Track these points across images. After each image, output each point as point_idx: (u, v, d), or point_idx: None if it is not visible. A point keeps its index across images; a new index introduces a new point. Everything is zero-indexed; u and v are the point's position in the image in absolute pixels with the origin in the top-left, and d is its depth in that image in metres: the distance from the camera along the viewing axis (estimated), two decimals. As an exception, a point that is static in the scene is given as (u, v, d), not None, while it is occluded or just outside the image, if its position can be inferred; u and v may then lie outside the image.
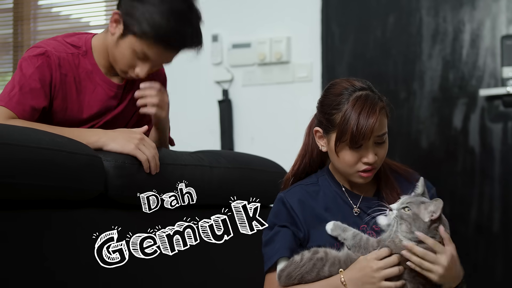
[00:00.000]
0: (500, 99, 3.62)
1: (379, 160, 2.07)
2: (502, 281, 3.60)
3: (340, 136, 2.02)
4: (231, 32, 4.24)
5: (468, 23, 3.71)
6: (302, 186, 2.17)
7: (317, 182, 2.17)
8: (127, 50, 2.36)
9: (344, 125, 2.01)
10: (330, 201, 2.13)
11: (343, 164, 2.07)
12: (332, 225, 2.03)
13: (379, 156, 2.06)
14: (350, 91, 2.05)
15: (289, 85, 4.10)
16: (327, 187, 2.16)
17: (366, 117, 1.99)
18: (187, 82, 4.25)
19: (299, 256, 2.02)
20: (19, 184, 1.83)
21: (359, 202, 2.13)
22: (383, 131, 2.04)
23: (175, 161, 2.36)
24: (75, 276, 2.01)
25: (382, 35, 3.88)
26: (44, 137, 1.98)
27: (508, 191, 3.61)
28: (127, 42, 2.35)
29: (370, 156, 2.04)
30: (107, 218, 2.14)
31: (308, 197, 2.13)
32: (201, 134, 4.23)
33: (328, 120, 2.06)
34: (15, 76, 2.35)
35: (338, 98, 2.05)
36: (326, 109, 2.08)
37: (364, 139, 2.00)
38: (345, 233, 2.00)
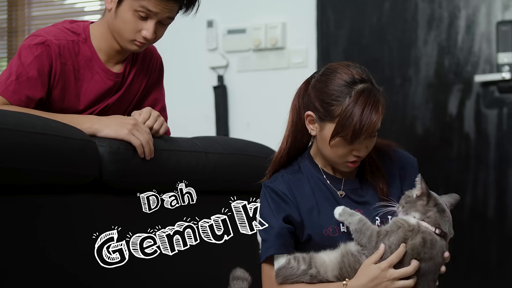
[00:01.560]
0: (495, 85, 3.62)
1: (367, 152, 2.06)
2: (497, 267, 3.62)
3: (339, 130, 1.99)
4: (226, 18, 4.23)
5: (464, 9, 3.70)
6: (287, 173, 2.14)
7: (299, 169, 2.15)
8: (127, 14, 2.34)
9: (346, 120, 1.98)
10: (315, 188, 2.12)
11: (333, 154, 2.05)
12: (341, 210, 2.01)
13: (368, 147, 2.05)
14: (350, 82, 2.02)
15: (284, 71, 4.10)
16: (309, 173, 2.14)
17: (369, 114, 1.97)
18: (182, 68, 4.25)
19: (295, 262, 2.02)
20: (13, 169, 1.83)
21: (342, 185, 2.12)
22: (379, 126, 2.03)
23: (170, 147, 2.36)
24: (70, 261, 2.02)
25: (377, 21, 3.87)
26: (39, 122, 1.97)
27: (503, 177, 3.62)
28: (125, 6, 2.34)
29: (362, 150, 2.03)
30: (101, 203, 2.14)
31: (296, 183, 2.11)
32: (196, 120, 4.23)
33: (326, 109, 2.03)
34: (13, 63, 2.33)
35: (338, 89, 2.02)
36: (324, 98, 2.04)
37: (364, 135, 1.99)
38: (351, 217, 1.99)
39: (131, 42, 2.38)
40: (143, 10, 2.32)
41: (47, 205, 1.97)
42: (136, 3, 2.32)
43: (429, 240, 1.94)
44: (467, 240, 3.66)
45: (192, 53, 4.30)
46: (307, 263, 2.02)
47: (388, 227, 1.96)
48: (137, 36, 2.37)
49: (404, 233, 1.93)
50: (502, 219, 3.62)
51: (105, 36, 2.44)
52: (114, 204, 2.19)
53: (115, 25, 2.38)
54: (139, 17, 2.34)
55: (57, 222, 1.99)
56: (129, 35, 2.37)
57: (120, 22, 2.36)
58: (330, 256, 2.01)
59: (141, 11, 2.33)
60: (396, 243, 1.93)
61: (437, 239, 1.95)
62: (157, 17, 2.35)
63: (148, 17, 2.34)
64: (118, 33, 2.38)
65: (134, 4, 2.32)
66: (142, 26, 2.35)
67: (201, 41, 4.28)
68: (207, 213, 2.54)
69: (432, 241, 1.94)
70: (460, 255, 3.67)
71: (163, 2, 2.33)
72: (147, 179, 2.26)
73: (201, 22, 4.27)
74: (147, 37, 2.35)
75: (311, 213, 2.08)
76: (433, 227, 1.95)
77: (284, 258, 2.05)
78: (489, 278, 3.63)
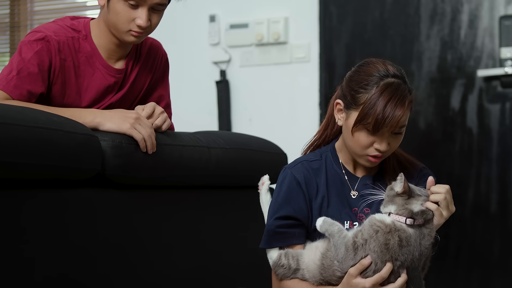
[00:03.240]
0: (498, 79, 3.62)
1: (391, 150, 2.06)
2: (499, 261, 3.62)
3: (362, 118, 2.00)
4: (228, 13, 4.23)
5: (466, 3, 3.70)
6: (307, 162, 2.16)
7: (320, 158, 2.17)
8: (118, 5, 2.34)
9: (369, 109, 1.98)
10: (330, 180, 2.14)
11: (355, 144, 2.06)
12: (321, 221, 2.00)
13: (392, 145, 2.04)
14: (383, 75, 2.03)
15: (286, 65, 4.09)
16: (329, 164, 2.16)
17: (394, 107, 1.97)
18: (185, 63, 4.25)
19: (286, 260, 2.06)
20: (15, 163, 1.83)
21: (356, 184, 2.13)
22: (405, 123, 2.02)
23: (173, 141, 2.36)
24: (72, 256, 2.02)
25: (380, 15, 3.87)
26: (41, 116, 1.97)
27: (506, 171, 3.62)
28: None
29: (384, 144, 2.02)
30: (104, 197, 2.14)
31: (312, 173, 2.13)
32: (198, 115, 4.23)
33: (353, 96, 2.04)
34: (13, 59, 2.34)
35: (368, 78, 2.03)
36: (353, 85, 2.05)
37: (386, 127, 1.99)
38: (331, 227, 1.98)
39: (127, 33, 2.39)
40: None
41: (50, 199, 1.97)
42: None
43: (404, 238, 1.91)
44: (469, 234, 3.66)
45: (195, 48, 4.30)
46: (296, 262, 2.05)
47: (366, 233, 1.93)
48: (132, 25, 2.37)
49: (384, 237, 1.91)
50: (505, 214, 3.61)
51: (103, 33, 2.44)
52: (116, 199, 2.19)
53: (109, 19, 2.38)
54: (130, 6, 2.34)
55: (59, 217, 1.99)
56: (124, 26, 2.37)
57: (113, 15, 2.37)
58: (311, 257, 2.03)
59: (129, 0, 2.33)
60: (378, 250, 1.91)
61: (410, 234, 1.92)
62: (147, 3, 2.35)
63: (139, 5, 2.35)
64: (113, 26, 2.39)
65: None
66: (134, 14, 2.36)
67: (203, 35, 4.28)
68: (210, 208, 2.55)
69: (407, 238, 1.91)
70: (462, 250, 3.67)
71: None
72: (149, 174, 2.26)
73: (203, 16, 4.27)
74: (141, 25, 2.35)
75: (321, 204, 2.10)
76: (404, 217, 1.92)
77: (276, 252, 2.09)
78: (492, 272, 3.63)
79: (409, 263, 1.92)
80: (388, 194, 1.97)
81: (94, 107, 2.45)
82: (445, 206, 1.96)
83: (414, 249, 1.92)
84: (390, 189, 1.97)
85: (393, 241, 1.90)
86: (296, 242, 2.10)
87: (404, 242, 1.91)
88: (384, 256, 1.90)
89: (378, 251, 1.91)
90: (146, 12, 2.35)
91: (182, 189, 2.45)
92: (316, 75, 3.99)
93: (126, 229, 2.21)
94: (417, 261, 1.94)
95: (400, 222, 1.92)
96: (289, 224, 2.10)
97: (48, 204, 1.96)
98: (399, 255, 1.90)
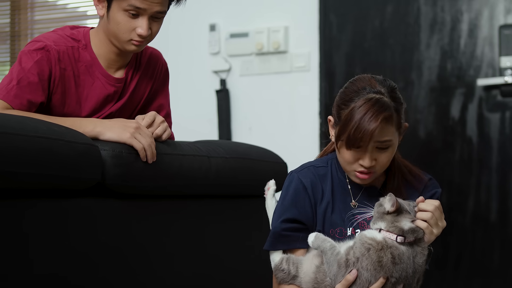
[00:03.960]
0: (498, 88, 3.62)
1: (379, 166, 2.04)
2: (499, 270, 3.61)
3: (339, 133, 2.00)
4: (228, 22, 4.23)
5: (466, 12, 3.70)
6: (314, 167, 2.17)
7: (327, 165, 2.17)
8: (118, 15, 2.35)
9: (346, 124, 1.98)
10: (336, 186, 2.14)
11: (342, 160, 2.06)
12: (313, 238, 1.99)
13: (379, 161, 2.02)
14: (367, 91, 2.02)
15: (287, 74, 4.10)
16: (334, 171, 2.16)
17: (368, 121, 1.95)
18: (185, 72, 4.25)
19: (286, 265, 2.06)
20: (16, 173, 1.83)
21: (359, 194, 2.13)
22: (385, 138, 1.99)
23: (173, 151, 2.36)
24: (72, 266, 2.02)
25: (380, 24, 3.87)
26: (41, 126, 1.98)
27: (505, 180, 3.62)
28: (115, 8, 2.35)
29: (367, 160, 2.01)
30: (104, 207, 2.14)
31: (319, 179, 2.14)
32: (198, 124, 4.23)
33: (337, 113, 2.05)
34: (13, 69, 2.35)
35: (351, 94, 2.03)
36: (339, 101, 2.06)
37: (361, 142, 1.97)
38: (323, 243, 1.97)
39: (128, 43, 2.39)
40: (132, 8, 2.33)
41: (50, 209, 1.97)
42: (124, 2, 2.33)
43: (397, 255, 1.90)
44: (469, 243, 3.66)
45: (195, 57, 4.31)
46: (295, 269, 2.04)
47: (358, 251, 1.92)
48: (133, 35, 2.38)
49: (377, 255, 1.90)
50: (505, 223, 3.61)
51: (103, 42, 2.45)
52: (116, 208, 2.19)
53: (110, 29, 2.39)
54: (130, 16, 2.35)
55: (59, 226, 1.99)
56: (125, 36, 2.38)
57: (113, 25, 2.37)
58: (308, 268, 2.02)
59: (130, 9, 2.34)
60: (372, 268, 1.89)
61: (403, 251, 1.91)
62: (147, 12, 2.35)
63: (139, 14, 2.35)
64: (114, 36, 2.39)
65: (122, 4, 2.34)
66: (135, 24, 2.36)
67: (203, 45, 4.28)
68: (210, 217, 2.55)
69: (400, 255, 1.90)
70: (462, 259, 3.67)
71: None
72: (149, 183, 2.26)
73: (203, 26, 4.28)
74: (142, 34, 2.36)
75: (326, 210, 2.11)
76: (395, 235, 1.91)
77: (279, 256, 2.09)
78: (492, 281, 3.63)
79: (403, 280, 1.91)
80: (378, 211, 1.95)
81: (94, 116, 2.45)
82: (434, 224, 1.94)
83: (407, 267, 1.91)
84: (379, 205, 1.96)
85: (386, 258, 1.89)
86: (299, 246, 2.10)
87: (397, 259, 1.90)
88: (378, 273, 1.89)
89: (372, 269, 1.89)
90: (147, 21, 2.36)
91: (182, 198, 2.45)
92: (316, 84, 3.99)
93: (127, 239, 2.21)
94: (411, 278, 1.93)
95: (391, 239, 1.91)
96: (294, 227, 2.10)
97: (49, 214, 1.96)
98: (394, 272, 1.90)
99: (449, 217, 3.67)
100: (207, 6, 4.27)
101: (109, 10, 2.36)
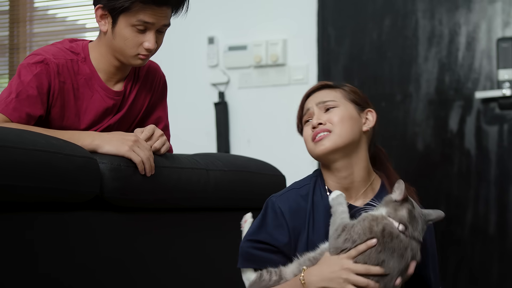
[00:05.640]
0: (496, 101, 3.63)
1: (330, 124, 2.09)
2: (498, 283, 3.61)
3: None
4: (227, 35, 4.24)
5: (464, 25, 3.71)
6: (295, 190, 2.15)
7: (309, 183, 2.16)
8: (125, 31, 2.35)
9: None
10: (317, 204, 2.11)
11: None
12: (335, 195, 2.01)
13: (330, 119, 2.10)
14: None
15: (285, 87, 4.10)
16: (317, 187, 2.14)
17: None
18: (184, 85, 4.25)
19: (268, 275, 2.04)
20: (14, 186, 1.83)
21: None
22: (326, 99, 2.15)
23: (171, 164, 2.36)
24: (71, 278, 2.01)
25: (378, 37, 3.88)
26: (40, 139, 1.98)
27: (504, 193, 3.62)
28: (121, 24, 2.35)
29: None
30: (102, 220, 2.14)
31: (301, 201, 2.12)
32: (197, 137, 4.23)
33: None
34: (13, 82, 2.35)
35: None
36: None
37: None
38: (337, 207, 1.99)
39: (135, 57, 2.40)
40: (140, 23, 2.34)
41: (48, 222, 1.97)
42: (133, 18, 2.33)
43: (389, 231, 1.91)
44: (468, 256, 3.66)
45: (193, 69, 4.31)
46: (278, 275, 2.04)
47: (356, 221, 1.95)
48: (140, 49, 2.38)
49: (369, 223, 1.92)
50: (503, 236, 3.61)
51: (104, 56, 2.44)
52: (115, 221, 2.19)
53: (115, 45, 2.39)
54: (138, 31, 2.35)
55: (58, 240, 1.99)
56: (132, 51, 2.38)
57: (120, 41, 2.37)
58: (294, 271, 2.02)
59: (138, 25, 2.34)
60: (362, 233, 1.91)
61: (398, 234, 1.91)
62: (155, 26, 2.36)
63: (147, 29, 2.36)
64: (120, 51, 2.39)
65: (131, 20, 2.34)
66: (142, 39, 2.37)
67: (202, 57, 4.29)
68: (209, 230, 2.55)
69: (393, 233, 1.91)
70: (461, 271, 3.66)
71: (157, 11, 2.34)
72: (148, 196, 2.26)
73: (202, 38, 4.29)
74: (150, 48, 2.37)
75: (302, 237, 2.08)
76: (397, 222, 1.92)
77: (254, 274, 2.07)
78: (491, 294, 3.62)
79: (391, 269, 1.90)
80: (384, 199, 1.98)
81: (93, 129, 2.45)
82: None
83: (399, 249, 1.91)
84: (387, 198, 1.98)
85: (377, 228, 1.91)
86: (271, 267, 2.07)
87: (387, 235, 1.91)
88: (365, 237, 1.91)
89: (361, 233, 1.91)
90: (154, 34, 2.37)
91: (180, 211, 2.45)
92: (315, 96, 3.99)
93: (125, 251, 2.21)
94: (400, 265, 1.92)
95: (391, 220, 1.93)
96: (264, 248, 2.08)
97: (47, 227, 1.96)
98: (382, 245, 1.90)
99: (448, 229, 3.68)
100: (205, 19, 4.28)
101: (115, 26, 2.36)
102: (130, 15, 2.33)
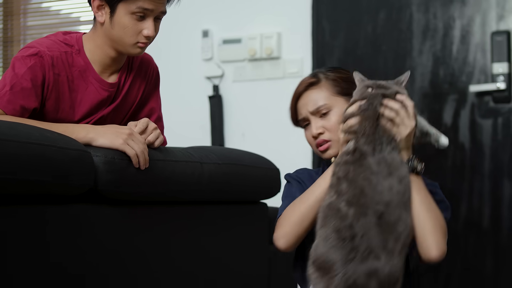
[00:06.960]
0: (490, 95, 3.63)
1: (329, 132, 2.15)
2: (492, 276, 3.62)
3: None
4: (221, 28, 4.24)
5: (458, 19, 3.72)
6: (306, 169, 2.24)
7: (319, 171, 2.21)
8: (125, 19, 2.36)
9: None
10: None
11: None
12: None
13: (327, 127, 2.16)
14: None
15: (279, 80, 4.10)
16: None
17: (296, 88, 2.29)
18: (178, 78, 4.25)
19: None
20: (8, 179, 1.83)
21: None
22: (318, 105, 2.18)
23: (166, 157, 2.36)
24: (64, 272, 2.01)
25: (372, 31, 3.88)
26: (34, 132, 1.97)
27: (498, 186, 3.62)
28: (120, 12, 2.36)
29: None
30: (96, 213, 2.14)
31: (314, 174, 2.19)
32: (191, 130, 4.23)
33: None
34: (6, 75, 2.34)
35: None
36: None
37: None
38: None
39: (134, 46, 2.40)
40: (140, 10, 2.34)
41: (42, 215, 1.97)
42: (133, 5, 2.34)
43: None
44: (462, 249, 3.67)
45: (188, 63, 4.31)
46: None
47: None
48: (139, 37, 2.39)
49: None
50: (497, 229, 3.62)
51: (99, 47, 2.44)
52: (109, 214, 2.18)
53: (114, 34, 2.39)
54: (137, 19, 2.36)
55: (51, 232, 1.99)
56: (131, 39, 2.38)
57: (118, 30, 2.37)
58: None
59: (138, 12, 2.35)
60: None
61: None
62: (154, 13, 2.37)
63: (146, 16, 2.37)
64: (119, 40, 2.39)
65: (131, 7, 2.34)
66: (141, 26, 2.37)
67: (196, 51, 4.28)
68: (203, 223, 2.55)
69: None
70: (455, 265, 3.67)
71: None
72: (142, 189, 2.26)
73: (196, 32, 4.28)
74: (150, 35, 2.38)
75: None
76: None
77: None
78: (484, 287, 3.63)
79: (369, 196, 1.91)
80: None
81: (86, 120, 2.45)
82: (400, 122, 2.08)
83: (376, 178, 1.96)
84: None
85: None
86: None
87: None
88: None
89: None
90: (153, 22, 2.37)
91: (175, 204, 2.45)
92: (309, 90, 3.99)
93: (120, 244, 2.21)
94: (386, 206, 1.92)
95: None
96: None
97: (40, 220, 1.96)
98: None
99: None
100: (200, 12, 4.27)
101: (113, 15, 2.36)
102: (129, 2, 2.34)
